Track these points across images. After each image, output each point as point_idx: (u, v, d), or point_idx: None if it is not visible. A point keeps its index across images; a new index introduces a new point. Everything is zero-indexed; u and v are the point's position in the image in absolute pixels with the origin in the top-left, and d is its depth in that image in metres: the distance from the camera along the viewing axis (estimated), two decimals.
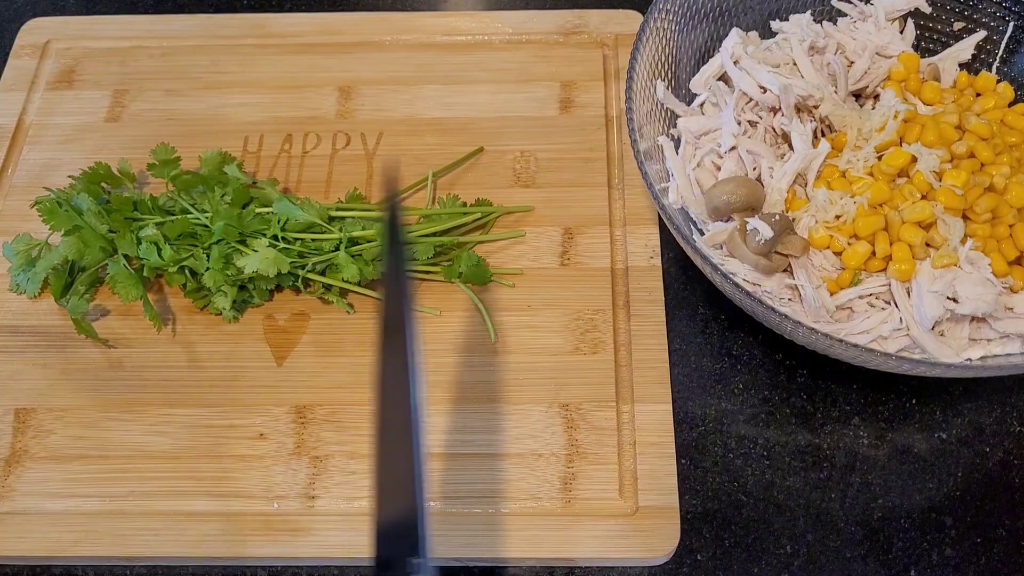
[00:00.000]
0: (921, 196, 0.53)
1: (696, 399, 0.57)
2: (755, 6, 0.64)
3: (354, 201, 0.60)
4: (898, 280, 0.53)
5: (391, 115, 0.66)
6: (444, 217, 0.59)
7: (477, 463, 0.53)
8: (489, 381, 0.56)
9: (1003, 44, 0.61)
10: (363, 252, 0.56)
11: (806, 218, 0.55)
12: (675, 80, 0.62)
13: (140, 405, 0.55)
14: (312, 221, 0.56)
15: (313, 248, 0.57)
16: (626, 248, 0.60)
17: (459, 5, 0.76)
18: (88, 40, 0.71)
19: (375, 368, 0.33)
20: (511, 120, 0.66)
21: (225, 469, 0.53)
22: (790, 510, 0.53)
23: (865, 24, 0.62)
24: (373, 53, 0.69)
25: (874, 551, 0.52)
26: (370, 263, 0.56)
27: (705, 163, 0.60)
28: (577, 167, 0.64)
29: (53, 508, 0.52)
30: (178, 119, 0.67)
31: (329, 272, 0.57)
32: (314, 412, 0.55)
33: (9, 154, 0.65)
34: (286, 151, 0.65)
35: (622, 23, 0.70)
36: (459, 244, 0.59)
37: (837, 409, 0.56)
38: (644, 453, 0.53)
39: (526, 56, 0.69)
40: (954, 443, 0.55)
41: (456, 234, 0.60)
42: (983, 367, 0.52)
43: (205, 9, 0.75)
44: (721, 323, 0.59)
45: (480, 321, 0.57)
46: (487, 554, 0.51)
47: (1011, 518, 0.53)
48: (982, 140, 0.55)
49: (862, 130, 0.56)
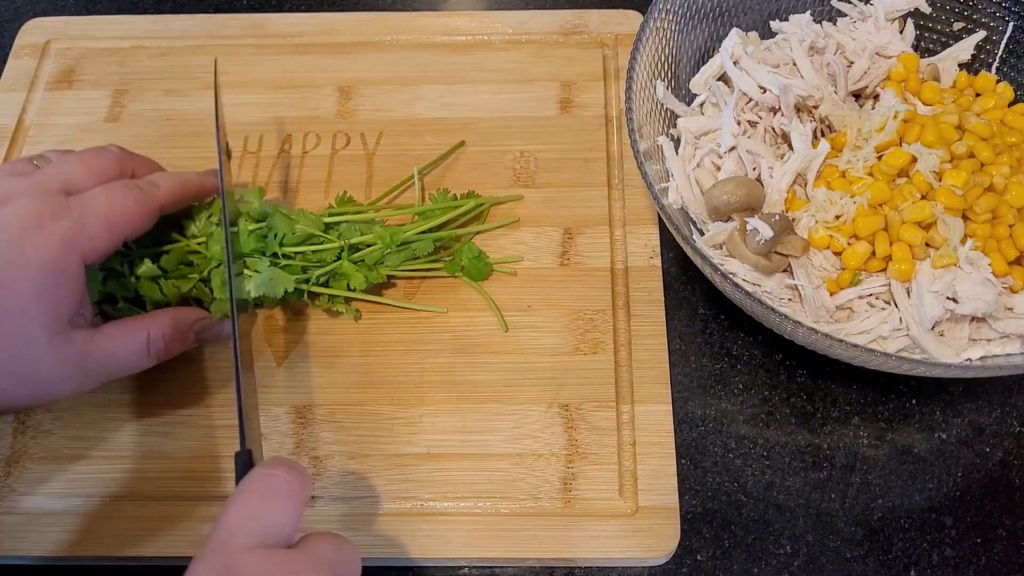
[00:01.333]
0: (921, 196, 0.53)
1: (696, 399, 0.57)
2: (755, 6, 0.64)
3: (344, 204, 0.59)
4: (898, 280, 0.53)
5: (391, 115, 0.66)
6: (438, 212, 0.58)
7: (477, 463, 0.53)
8: (489, 381, 0.56)
9: (1003, 44, 0.61)
10: (365, 257, 0.56)
11: (806, 218, 0.55)
12: (675, 80, 0.62)
13: (140, 405, 0.55)
14: (310, 232, 0.55)
15: (315, 260, 0.55)
16: (626, 248, 0.60)
17: (459, 5, 0.76)
18: (88, 40, 0.71)
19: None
20: (511, 120, 0.66)
21: (225, 469, 0.53)
22: (790, 510, 0.53)
23: (865, 24, 0.62)
24: (373, 53, 0.70)
25: (874, 551, 0.52)
26: (373, 267, 0.56)
27: (705, 163, 0.60)
28: (577, 167, 0.64)
29: (53, 508, 0.52)
30: (178, 119, 0.67)
31: (333, 282, 0.56)
32: (314, 412, 0.55)
33: (9, 154, 0.65)
34: (286, 151, 0.65)
35: (622, 23, 0.70)
36: (457, 238, 0.59)
37: (837, 409, 0.56)
38: (644, 453, 0.53)
39: (526, 56, 0.69)
40: (954, 443, 0.55)
41: (452, 227, 0.59)
42: (983, 367, 0.52)
43: (205, 9, 0.75)
44: (721, 323, 0.59)
45: (481, 320, 0.57)
46: (487, 554, 0.51)
47: (1011, 518, 0.53)
48: (982, 140, 0.55)
49: (862, 130, 0.56)
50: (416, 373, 0.56)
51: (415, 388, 0.55)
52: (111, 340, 0.48)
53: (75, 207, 0.46)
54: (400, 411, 0.55)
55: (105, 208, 0.47)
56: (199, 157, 0.64)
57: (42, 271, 0.44)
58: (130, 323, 0.50)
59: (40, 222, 0.45)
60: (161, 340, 0.50)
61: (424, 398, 0.55)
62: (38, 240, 0.44)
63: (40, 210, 0.45)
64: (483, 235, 0.61)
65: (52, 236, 0.45)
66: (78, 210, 0.46)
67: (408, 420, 0.54)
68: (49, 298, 0.45)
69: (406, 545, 0.51)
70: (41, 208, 0.45)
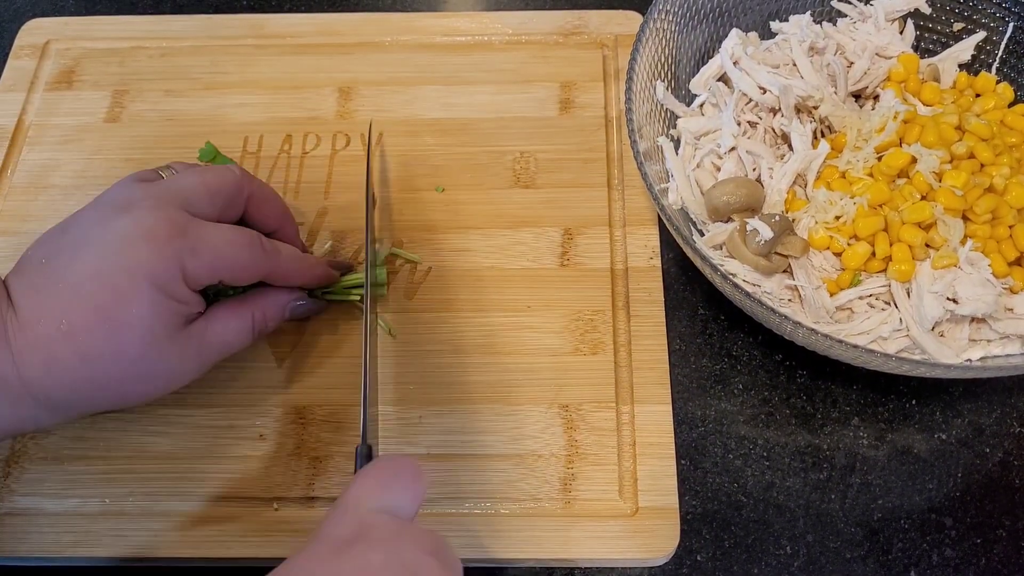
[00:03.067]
0: (921, 197, 0.53)
1: (696, 400, 0.57)
2: (755, 7, 0.64)
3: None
4: (898, 281, 0.53)
5: (391, 115, 0.66)
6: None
7: (476, 464, 0.53)
8: (489, 382, 0.56)
9: (1003, 44, 0.61)
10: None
11: (806, 219, 0.55)
12: (675, 81, 0.62)
13: (141, 406, 0.55)
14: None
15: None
16: (626, 248, 0.60)
17: (459, 5, 0.76)
18: (88, 40, 0.71)
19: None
20: (511, 120, 0.66)
21: (225, 470, 0.53)
22: (790, 511, 0.53)
23: (865, 25, 0.62)
24: (373, 54, 0.69)
25: (874, 552, 0.52)
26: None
27: (705, 164, 0.60)
28: (577, 167, 0.64)
29: (53, 508, 0.52)
30: (178, 119, 0.67)
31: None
32: (314, 412, 0.55)
33: (9, 155, 0.65)
34: (286, 151, 0.65)
35: (622, 23, 0.70)
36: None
37: (837, 410, 0.56)
38: (644, 454, 0.53)
39: (526, 57, 0.69)
40: (954, 444, 0.55)
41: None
42: (983, 368, 0.52)
43: (205, 9, 0.75)
44: (721, 324, 0.59)
45: (481, 320, 0.57)
46: (487, 555, 0.51)
47: (1011, 519, 0.53)
48: (982, 141, 0.55)
49: (862, 131, 0.56)
50: (416, 373, 0.56)
51: (415, 388, 0.55)
52: (223, 325, 0.50)
53: (192, 232, 0.46)
54: (400, 411, 0.55)
55: (219, 249, 0.47)
56: (197, 152, 0.64)
57: (151, 283, 0.44)
58: (236, 306, 0.51)
59: (154, 236, 0.45)
60: (264, 320, 0.52)
61: (424, 398, 0.55)
62: (147, 253, 0.45)
63: (155, 224, 0.45)
64: (483, 236, 0.61)
65: (162, 253, 0.45)
66: (194, 236, 0.46)
67: (408, 420, 0.54)
68: (162, 305, 0.45)
69: None
70: (157, 222, 0.45)
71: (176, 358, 0.47)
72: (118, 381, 0.45)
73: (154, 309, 0.45)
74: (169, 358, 0.46)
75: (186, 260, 0.46)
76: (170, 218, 0.46)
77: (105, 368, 0.44)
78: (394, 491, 0.41)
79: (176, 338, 0.46)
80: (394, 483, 0.41)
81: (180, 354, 0.47)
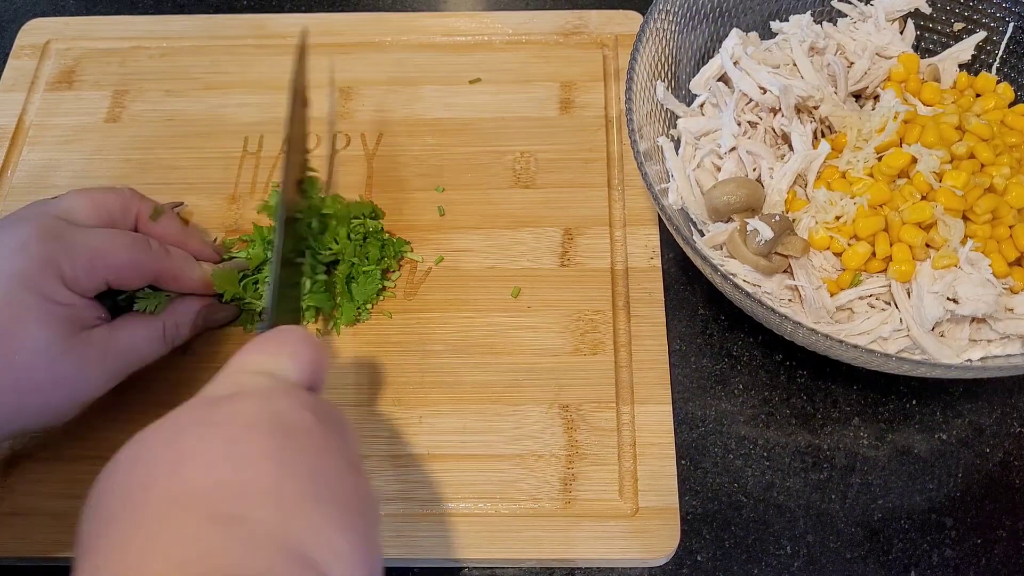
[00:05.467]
0: (921, 197, 0.53)
1: (696, 400, 0.57)
2: (755, 6, 0.64)
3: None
4: (898, 281, 0.53)
5: (391, 115, 0.66)
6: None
7: (476, 464, 0.53)
8: (489, 382, 0.56)
9: (1003, 44, 0.61)
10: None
11: (806, 219, 0.55)
12: (675, 81, 0.62)
13: (140, 406, 0.55)
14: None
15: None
16: (626, 248, 0.60)
17: (459, 5, 0.76)
18: (88, 40, 0.71)
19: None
20: (511, 120, 0.66)
21: None
22: (790, 511, 0.53)
23: (865, 25, 0.62)
24: (373, 53, 0.69)
25: (874, 552, 0.52)
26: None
27: (705, 164, 0.60)
28: (577, 167, 0.64)
29: (53, 508, 0.52)
30: (178, 120, 0.67)
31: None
32: None
33: (9, 155, 0.65)
34: (286, 151, 0.65)
35: (622, 23, 0.70)
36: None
37: (837, 410, 0.56)
38: (644, 454, 0.53)
39: (526, 56, 0.69)
40: (954, 444, 0.55)
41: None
42: (983, 368, 0.52)
43: (205, 9, 0.75)
44: (721, 324, 0.59)
45: (481, 320, 0.57)
46: (487, 555, 0.51)
47: (1011, 519, 0.53)
48: (982, 141, 0.55)
49: (862, 131, 0.56)
50: (416, 373, 0.56)
51: (415, 388, 0.55)
52: (130, 332, 0.50)
53: (67, 236, 0.47)
54: (400, 411, 0.55)
55: (96, 249, 0.47)
56: (199, 158, 0.64)
57: (26, 288, 0.44)
58: (147, 315, 0.52)
59: (25, 243, 0.46)
60: (175, 328, 0.52)
61: (424, 398, 0.55)
62: (21, 259, 0.45)
63: (29, 232, 0.46)
64: (483, 236, 0.61)
65: (36, 257, 0.45)
66: (69, 239, 0.47)
67: (408, 421, 0.54)
68: (42, 310, 0.45)
69: (406, 546, 0.51)
70: (31, 230, 0.46)
71: (72, 366, 0.46)
72: (13, 392, 0.45)
73: (36, 315, 0.45)
74: (64, 366, 0.46)
75: (62, 262, 0.46)
76: (44, 225, 0.46)
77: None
78: (278, 356, 0.39)
79: (71, 345, 0.46)
80: (279, 349, 0.40)
81: (78, 362, 0.46)
